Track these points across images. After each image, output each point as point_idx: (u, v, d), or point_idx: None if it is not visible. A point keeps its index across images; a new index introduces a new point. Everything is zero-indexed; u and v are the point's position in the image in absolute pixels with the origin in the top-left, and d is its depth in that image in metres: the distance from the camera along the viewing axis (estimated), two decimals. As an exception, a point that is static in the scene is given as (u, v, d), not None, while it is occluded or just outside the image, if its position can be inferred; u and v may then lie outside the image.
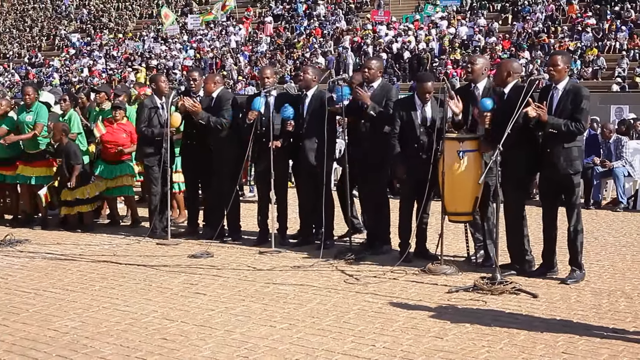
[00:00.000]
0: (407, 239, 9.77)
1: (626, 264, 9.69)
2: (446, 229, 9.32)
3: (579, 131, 8.46)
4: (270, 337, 6.73)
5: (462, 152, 8.95)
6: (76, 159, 11.96)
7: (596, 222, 13.09)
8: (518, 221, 8.99)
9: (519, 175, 8.88)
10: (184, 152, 11.69)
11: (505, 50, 38.49)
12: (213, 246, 10.51)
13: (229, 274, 9.15)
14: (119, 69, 49.63)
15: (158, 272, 9.35)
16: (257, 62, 43.96)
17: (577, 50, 36.95)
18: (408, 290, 8.31)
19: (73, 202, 12.03)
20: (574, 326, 6.96)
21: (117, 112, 12.41)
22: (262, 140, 10.54)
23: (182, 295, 8.23)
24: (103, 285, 8.70)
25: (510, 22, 42.39)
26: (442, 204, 9.17)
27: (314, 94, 10.54)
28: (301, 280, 8.85)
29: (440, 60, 39.56)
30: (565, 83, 8.59)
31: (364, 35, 44.04)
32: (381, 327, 6.96)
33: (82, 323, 7.22)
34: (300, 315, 7.41)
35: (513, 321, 7.12)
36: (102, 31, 57.20)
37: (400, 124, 9.64)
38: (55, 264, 9.84)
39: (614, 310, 7.50)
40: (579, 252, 8.66)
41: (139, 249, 10.74)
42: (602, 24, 38.82)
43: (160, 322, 7.23)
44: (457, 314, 7.39)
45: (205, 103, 11.15)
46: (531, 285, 8.40)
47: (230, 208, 10.89)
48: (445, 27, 42.88)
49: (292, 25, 49.33)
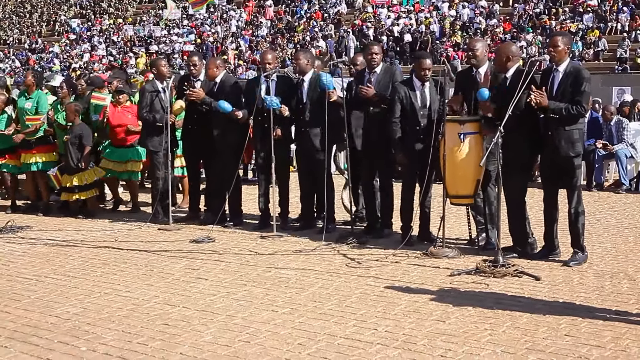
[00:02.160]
0: (409, 222, 9.75)
1: (629, 246, 9.67)
2: (448, 212, 9.31)
3: (580, 114, 8.42)
4: (272, 321, 6.71)
5: (463, 134, 8.92)
6: (87, 140, 11.94)
7: (598, 204, 13.07)
8: (519, 204, 8.96)
9: (521, 158, 8.83)
10: (185, 137, 11.65)
11: (507, 32, 38.42)
12: (214, 231, 10.49)
13: (230, 259, 9.14)
14: (120, 54, 49.54)
15: (159, 257, 9.34)
16: (258, 46, 43.87)
17: (579, 31, 36.86)
18: (410, 274, 8.30)
19: (72, 188, 12.00)
20: (576, 308, 6.95)
21: (121, 95, 12.39)
22: (263, 125, 10.51)
23: (183, 280, 8.22)
24: (104, 271, 8.69)
25: (511, 4, 42.26)
26: (444, 187, 9.15)
27: (312, 79, 10.49)
28: (303, 264, 8.84)
29: (441, 42, 39.46)
30: (566, 65, 8.54)
31: (365, 18, 43.92)
32: (383, 311, 6.95)
33: (83, 309, 7.21)
34: (302, 299, 7.40)
35: (515, 304, 7.10)
36: (102, 16, 57.07)
37: (400, 107, 9.60)
38: (56, 250, 9.84)
39: (616, 292, 7.48)
40: (580, 234, 8.64)
41: (140, 235, 10.74)
42: (603, 5, 38.71)
43: (161, 307, 7.22)
44: (460, 297, 7.38)
45: (208, 87, 11.11)
46: (533, 267, 8.38)
47: (232, 193, 10.87)
48: (446, 10, 42.76)
49: (293, 9, 49.20)
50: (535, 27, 38.59)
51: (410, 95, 9.58)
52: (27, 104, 12.36)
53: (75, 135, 11.92)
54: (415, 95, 9.58)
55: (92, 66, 45.86)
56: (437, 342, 6.12)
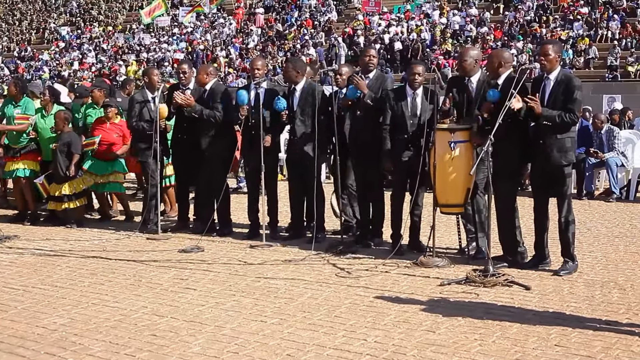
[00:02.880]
0: (399, 231, 9.72)
1: (619, 255, 9.66)
2: (438, 221, 9.27)
3: (572, 122, 8.42)
4: (260, 332, 6.67)
5: (454, 143, 8.90)
6: (76, 147, 11.88)
7: (589, 213, 13.06)
8: (510, 212, 8.95)
9: (511, 167, 8.83)
10: (174, 146, 11.61)
11: (497, 40, 38.51)
12: (203, 240, 10.43)
13: (219, 269, 9.10)
14: (109, 62, 49.49)
15: (148, 267, 9.29)
16: (248, 53, 43.89)
17: (569, 39, 36.95)
18: (400, 284, 8.26)
19: (60, 197, 11.93)
20: (566, 318, 6.93)
21: (109, 109, 12.28)
22: (251, 133, 10.46)
23: (172, 290, 8.17)
24: (92, 281, 8.63)
25: (502, 12, 42.36)
26: (434, 196, 9.12)
27: (304, 87, 10.47)
28: (292, 274, 8.80)
29: (432, 50, 39.52)
30: (557, 73, 8.54)
31: (355, 26, 43.96)
32: (373, 321, 6.91)
33: (70, 320, 7.16)
34: (291, 309, 7.36)
35: (505, 314, 7.08)
36: (92, 24, 57.01)
37: (391, 115, 9.57)
38: (44, 260, 9.77)
39: (607, 302, 7.46)
40: (570, 243, 8.63)
41: (128, 244, 10.67)
42: (593, 13, 38.82)
43: (149, 318, 7.17)
44: (449, 307, 7.35)
45: (198, 95, 11.08)
46: (524, 277, 8.36)
47: (221, 202, 10.82)
48: (437, 17, 42.84)
49: (283, 17, 49.23)
50: (526, 34, 38.69)
51: (401, 103, 9.55)
52: (15, 111, 12.29)
53: (64, 143, 11.85)
54: (405, 103, 9.56)
55: (82, 74, 45.74)
56: (427, 352, 6.08)
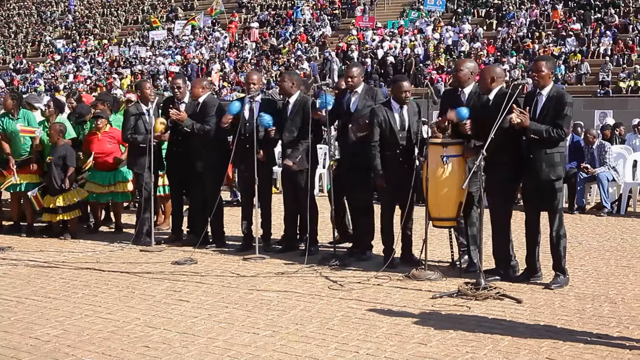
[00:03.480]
0: (391, 244, 9.75)
1: (610, 269, 9.70)
2: (430, 235, 9.31)
3: (560, 137, 8.47)
4: (253, 344, 6.70)
5: (446, 157, 8.94)
6: (71, 160, 11.90)
7: (580, 227, 13.11)
8: (503, 226, 8.98)
9: (503, 181, 8.87)
10: (168, 160, 11.64)
11: (490, 55, 38.64)
12: (197, 253, 10.45)
13: (212, 281, 9.12)
14: (104, 75, 49.50)
15: (141, 279, 9.31)
16: (243, 67, 43.94)
17: (562, 55, 37.08)
18: (392, 296, 8.29)
19: (55, 209, 11.95)
20: (557, 331, 6.96)
21: (99, 121, 12.29)
22: (245, 146, 10.51)
23: (165, 302, 8.19)
24: (85, 293, 8.64)
25: (494, 28, 42.50)
26: (426, 209, 9.16)
27: (297, 100, 10.52)
28: (285, 286, 8.82)
29: (425, 65, 39.63)
30: (550, 89, 8.60)
31: (349, 40, 44.05)
32: (365, 334, 6.94)
33: (64, 331, 7.17)
34: (283, 322, 7.38)
35: (497, 327, 7.11)
36: (87, 37, 57.05)
37: (379, 130, 9.61)
38: (37, 272, 9.78)
39: (597, 316, 7.50)
40: (562, 257, 8.67)
41: (122, 256, 10.69)
42: (586, 29, 38.98)
43: (142, 329, 7.19)
44: (441, 319, 7.38)
45: (191, 109, 11.12)
46: (515, 290, 8.39)
47: (214, 214, 10.84)
48: (430, 33, 42.97)
49: (277, 31, 49.34)
50: (518, 50, 38.81)
51: (389, 117, 9.60)
52: (18, 125, 12.27)
53: (59, 156, 11.87)
54: (394, 117, 9.60)
55: (77, 86, 45.73)
56: (419, 365, 6.11)
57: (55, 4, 63.72)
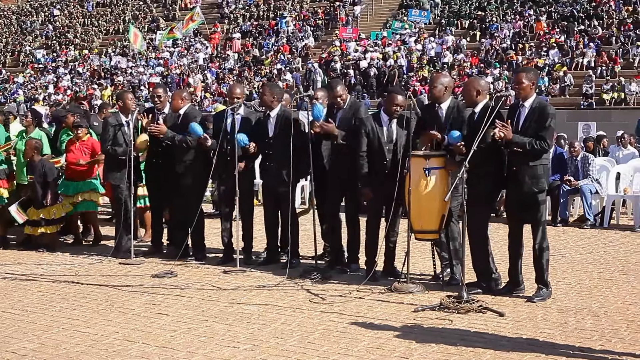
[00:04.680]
0: (374, 257, 9.69)
1: (593, 282, 9.68)
2: (413, 247, 9.27)
3: (543, 149, 8.45)
4: (233, 358, 6.63)
5: (429, 169, 8.90)
6: (51, 175, 11.81)
7: (563, 240, 13.10)
8: (483, 239, 8.95)
9: (485, 193, 8.84)
10: (148, 171, 11.56)
11: (474, 67, 38.75)
12: (177, 265, 10.37)
13: (192, 294, 9.03)
14: (85, 85, 49.32)
15: (120, 292, 9.21)
16: (225, 78, 43.90)
17: (545, 67, 37.23)
18: (374, 310, 8.23)
19: (38, 221, 11.86)
20: (540, 345, 6.92)
21: (79, 130, 12.20)
22: (226, 159, 10.44)
23: (144, 315, 8.10)
24: (63, 306, 8.54)
25: (478, 39, 42.64)
26: (409, 222, 9.11)
27: (278, 114, 10.47)
28: (266, 299, 8.75)
29: (408, 77, 39.69)
30: (532, 100, 8.58)
31: (332, 51, 44.08)
32: (346, 347, 6.87)
33: (41, 345, 7.08)
34: (264, 335, 7.31)
35: (479, 340, 7.06)
36: (68, 47, 56.87)
37: (367, 141, 9.57)
38: (15, 284, 9.67)
39: (580, 329, 7.47)
40: (545, 270, 8.64)
41: (101, 269, 10.58)
42: (569, 41, 39.15)
43: (121, 343, 7.10)
44: (423, 333, 7.32)
45: (172, 120, 11.05)
46: (497, 303, 8.36)
47: (195, 227, 10.76)
48: (413, 44, 43.06)
49: (260, 42, 49.33)
50: (502, 62, 38.94)
51: (377, 130, 9.55)
52: None
53: (40, 173, 11.79)
54: (382, 130, 9.56)
55: (57, 97, 45.55)
56: (400, 379, 6.06)
57: (35, 14, 63.49)
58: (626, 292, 9.10)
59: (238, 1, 54.69)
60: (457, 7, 46.17)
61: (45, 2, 64.17)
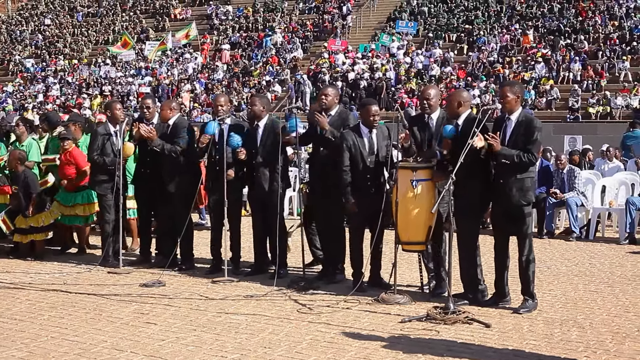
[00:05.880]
0: (360, 268, 9.73)
1: (578, 294, 9.73)
2: (400, 259, 9.31)
3: (530, 162, 8.52)
4: (221, 367, 6.66)
5: (416, 181, 8.95)
6: (34, 187, 11.82)
7: (549, 252, 13.15)
8: (471, 251, 9.00)
9: (472, 205, 8.89)
10: (137, 180, 11.59)
11: (461, 80, 38.88)
12: (165, 275, 10.39)
13: (180, 303, 9.06)
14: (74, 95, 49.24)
15: (108, 301, 9.23)
16: (214, 89, 43.91)
17: (532, 80, 37.38)
18: (361, 320, 8.27)
19: (27, 229, 11.87)
20: (526, 356, 6.97)
21: (65, 142, 12.14)
22: (215, 168, 10.48)
23: (132, 324, 8.12)
24: (52, 315, 8.56)
25: (465, 52, 42.78)
26: (396, 233, 9.16)
27: (266, 124, 10.52)
28: (254, 309, 8.78)
29: (396, 89, 39.79)
30: (519, 114, 8.65)
31: (320, 63, 44.13)
32: (333, 357, 6.92)
33: (29, 353, 7.10)
34: (252, 345, 7.34)
35: (466, 351, 7.11)
36: (57, 57, 56.78)
37: (349, 155, 9.61)
38: (3, 293, 9.68)
39: (565, 340, 7.52)
40: (531, 282, 8.70)
41: (89, 278, 10.59)
42: (555, 54, 39.33)
43: (109, 352, 7.13)
44: (410, 344, 7.37)
45: (161, 130, 11.08)
46: (484, 314, 8.41)
47: (183, 236, 10.79)
48: (401, 57, 43.17)
49: (249, 53, 49.35)
50: (489, 75, 39.08)
51: (358, 142, 9.61)
52: None
53: (23, 185, 11.82)
54: (362, 142, 9.62)
55: (46, 107, 45.45)
56: (387, 389, 6.09)
57: (25, 23, 63.38)
58: (611, 304, 9.16)
59: (227, 13, 54.70)
60: (444, 20, 46.32)
61: (36, 12, 64.03)
